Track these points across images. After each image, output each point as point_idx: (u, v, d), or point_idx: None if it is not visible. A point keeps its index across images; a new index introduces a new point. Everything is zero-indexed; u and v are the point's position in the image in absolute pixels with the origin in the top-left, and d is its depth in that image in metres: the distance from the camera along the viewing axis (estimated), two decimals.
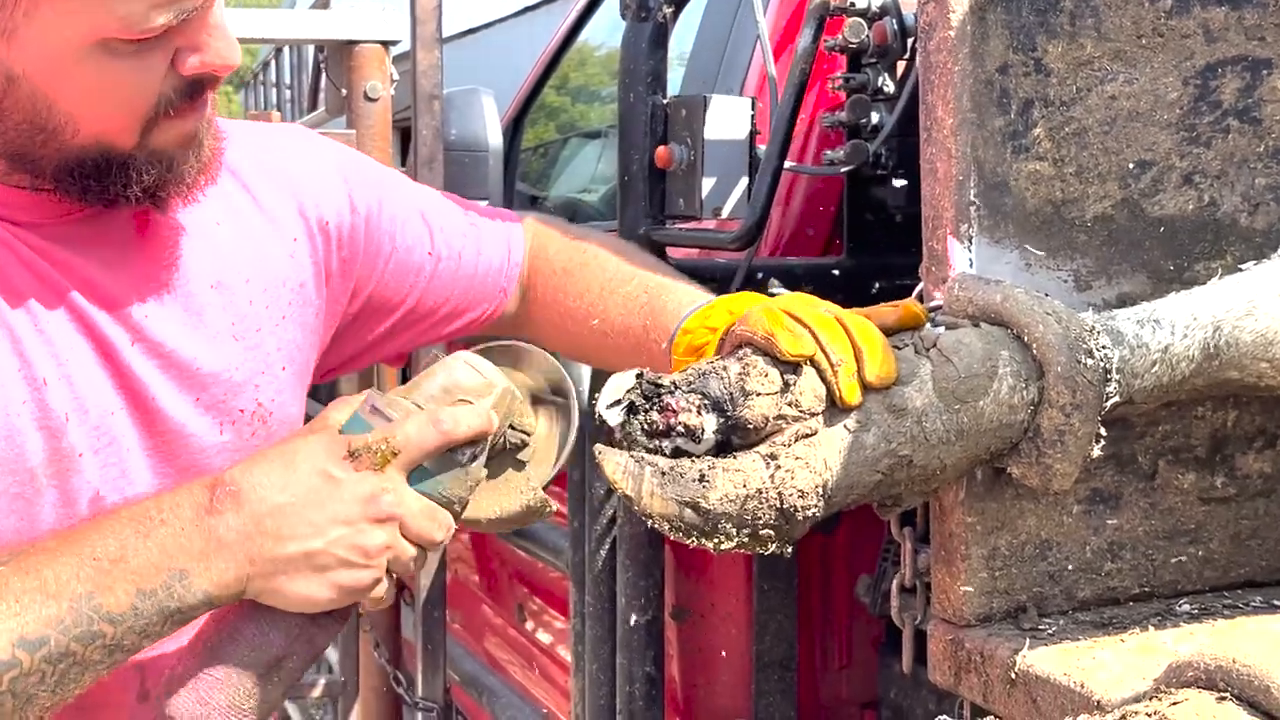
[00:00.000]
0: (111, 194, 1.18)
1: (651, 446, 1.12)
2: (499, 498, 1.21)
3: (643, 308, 1.42)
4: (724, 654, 2.15)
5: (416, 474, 1.16)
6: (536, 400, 1.29)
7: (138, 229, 1.25)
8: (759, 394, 1.11)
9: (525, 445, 1.22)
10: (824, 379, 1.12)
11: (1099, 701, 1.07)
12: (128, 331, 1.22)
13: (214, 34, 1.13)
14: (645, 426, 1.11)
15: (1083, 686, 1.10)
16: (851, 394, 1.12)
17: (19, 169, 1.16)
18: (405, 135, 3.28)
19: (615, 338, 1.44)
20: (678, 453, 1.11)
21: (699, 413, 1.11)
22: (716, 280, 1.93)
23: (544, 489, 1.25)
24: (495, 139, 3.00)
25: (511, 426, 1.22)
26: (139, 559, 1.08)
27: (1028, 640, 1.19)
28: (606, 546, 2.08)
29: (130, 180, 1.17)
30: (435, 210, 1.50)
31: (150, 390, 1.23)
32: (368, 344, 1.48)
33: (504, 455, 1.22)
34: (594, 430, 1.18)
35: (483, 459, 1.19)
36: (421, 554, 1.17)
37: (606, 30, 3.25)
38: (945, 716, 0.97)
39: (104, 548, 1.08)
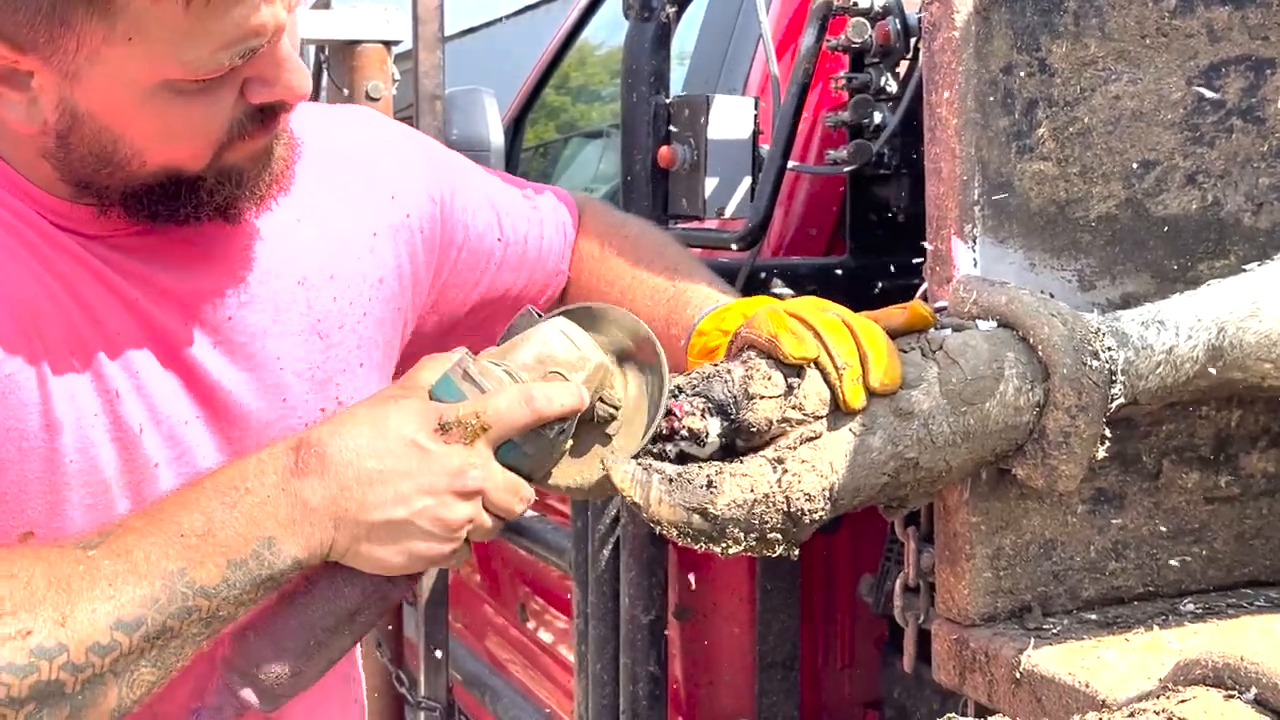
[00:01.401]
0: (182, 215, 1.17)
1: (656, 450, 1.12)
2: (581, 468, 1.19)
3: (667, 300, 1.42)
4: (727, 653, 2.15)
5: (504, 447, 1.15)
6: (622, 359, 1.25)
7: (214, 234, 1.24)
8: (762, 397, 1.11)
9: (613, 419, 1.20)
10: (828, 382, 1.12)
11: (1104, 701, 1.07)
12: (207, 335, 1.21)
13: (283, 65, 1.11)
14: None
15: (1087, 686, 1.11)
16: (855, 397, 1.12)
17: (84, 195, 1.15)
18: None
19: None
20: (682, 456, 1.12)
21: (703, 416, 1.11)
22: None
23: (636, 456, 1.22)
24: (497, 138, 3.00)
25: (601, 399, 1.20)
26: (226, 531, 1.08)
27: (1032, 640, 1.19)
28: (610, 546, 2.08)
29: (201, 200, 1.16)
30: (500, 194, 1.50)
31: (231, 396, 1.23)
32: (441, 331, 1.47)
33: (591, 426, 1.19)
34: None
35: (569, 434, 1.18)
36: (499, 523, 1.16)
37: (608, 29, 3.26)
38: (951, 715, 0.97)
39: (190, 522, 1.07)
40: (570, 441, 1.18)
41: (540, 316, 1.21)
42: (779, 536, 1.11)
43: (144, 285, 1.19)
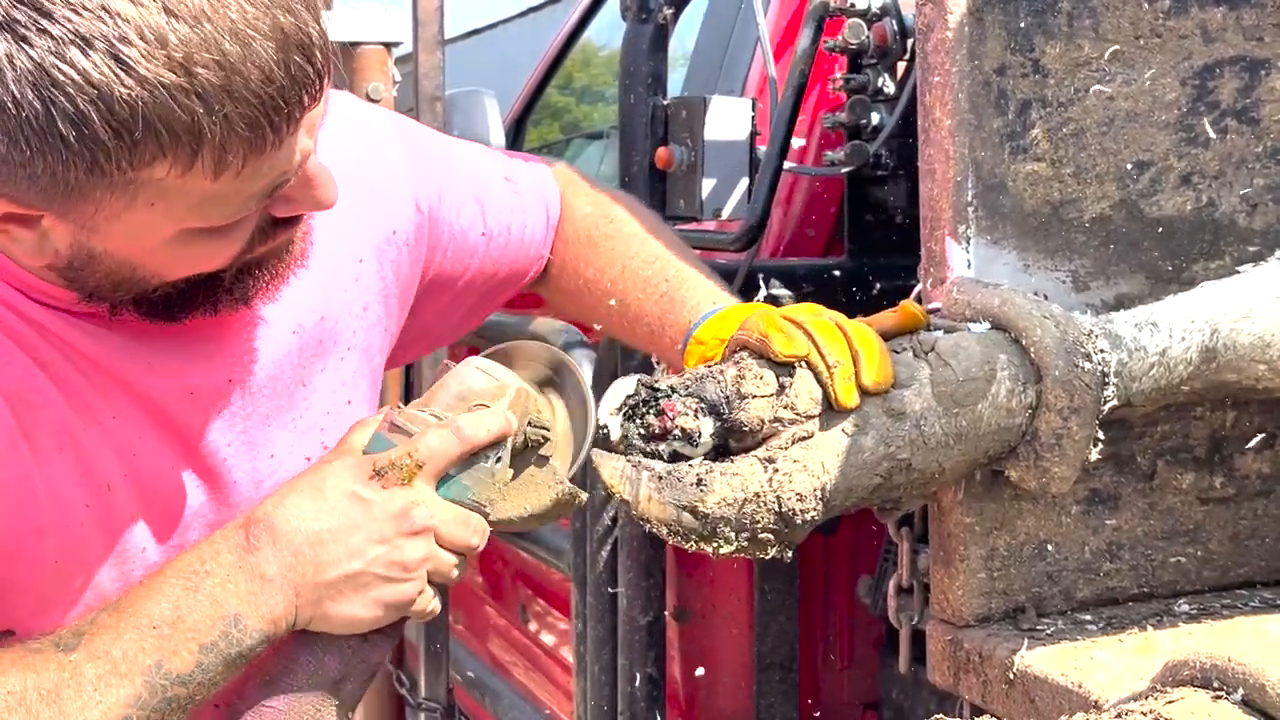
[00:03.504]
0: (202, 309, 1.15)
1: (649, 450, 1.12)
2: (527, 495, 1.22)
3: (661, 297, 1.40)
4: (725, 654, 2.15)
5: (444, 484, 1.17)
6: (545, 386, 1.29)
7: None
8: (755, 396, 1.11)
9: (546, 441, 1.23)
10: (820, 381, 1.12)
11: (1096, 701, 1.07)
12: (209, 415, 1.20)
13: (310, 184, 1.08)
14: (642, 430, 1.12)
15: (1080, 687, 1.11)
16: (847, 396, 1.12)
17: (94, 303, 1.12)
18: None
19: (631, 321, 1.43)
20: (675, 456, 1.12)
21: (695, 416, 1.11)
22: None
23: (571, 479, 1.25)
24: (498, 140, 3.00)
25: (530, 424, 1.22)
26: (194, 615, 1.10)
27: (1026, 640, 1.19)
28: (608, 548, 2.08)
29: (218, 296, 1.14)
30: (485, 185, 1.46)
31: (225, 464, 1.22)
32: (426, 327, 1.47)
33: (526, 453, 1.22)
34: (599, 437, 1.18)
35: (506, 459, 1.20)
36: (461, 560, 1.18)
37: (609, 31, 3.26)
38: (941, 715, 0.97)
39: (159, 612, 1.10)
40: (509, 471, 1.21)
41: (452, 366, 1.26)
42: (771, 537, 1.11)
43: (134, 359, 1.15)
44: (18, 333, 1.11)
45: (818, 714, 2.20)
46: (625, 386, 1.14)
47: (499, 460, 1.19)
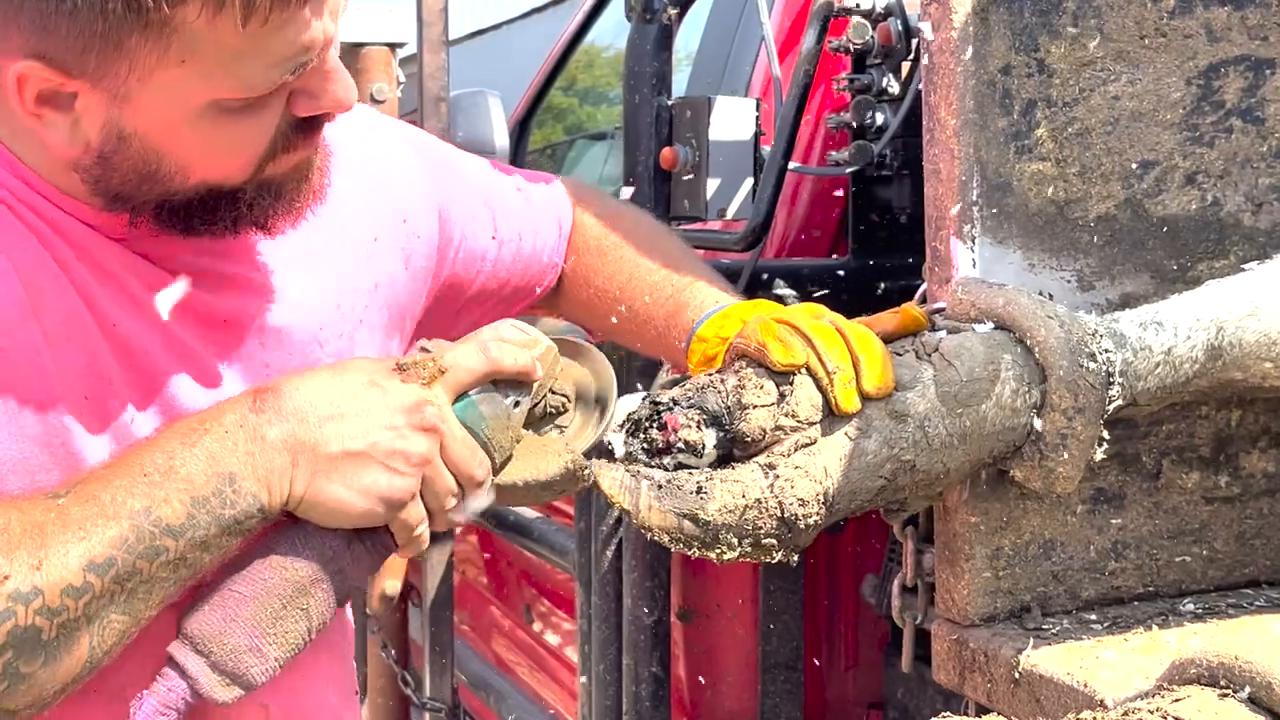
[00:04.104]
0: (219, 226, 1.17)
1: (654, 464, 1.12)
2: (536, 460, 1.20)
3: (667, 300, 1.42)
4: (730, 654, 2.15)
5: (461, 404, 1.16)
6: (577, 385, 1.29)
7: (233, 247, 1.23)
8: (755, 406, 1.11)
9: (565, 411, 1.22)
10: (820, 387, 1.12)
11: (1102, 700, 1.07)
12: (217, 347, 1.21)
13: (330, 78, 1.12)
14: (646, 445, 1.12)
15: (1086, 686, 1.11)
16: (847, 401, 1.12)
17: (116, 208, 1.15)
18: None
19: (639, 326, 1.44)
20: (680, 468, 1.12)
21: (698, 428, 1.11)
22: None
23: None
24: (502, 140, 3.00)
25: (552, 390, 1.22)
26: (188, 467, 1.07)
27: (1031, 640, 1.19)
28: (613, 547, 2.08)
29: (239, 214, 1.16)
30: (495, 192, 1.49)
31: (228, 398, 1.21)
32: (436, 331, 1.48)
33: (543, 420, 1.22)
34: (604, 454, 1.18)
35: (525, 407, 1.19)
36: (459, 495, 1.16)
37: (613, 32, 3.26)
38: (946, 714, 0.97)
39: (153, 462, 1.07)
40: (524, 420, 1.19)
41: None
42: (774, 542, 1.11)
43: (154, 284, 1.18)
44: (38, 229, 1.13)
45: (822, 713, 2.21)
46: (629, 404, 1.14)
47: (517, 405, 1.18)
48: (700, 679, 2.19)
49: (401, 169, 1.40)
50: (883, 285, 1.96)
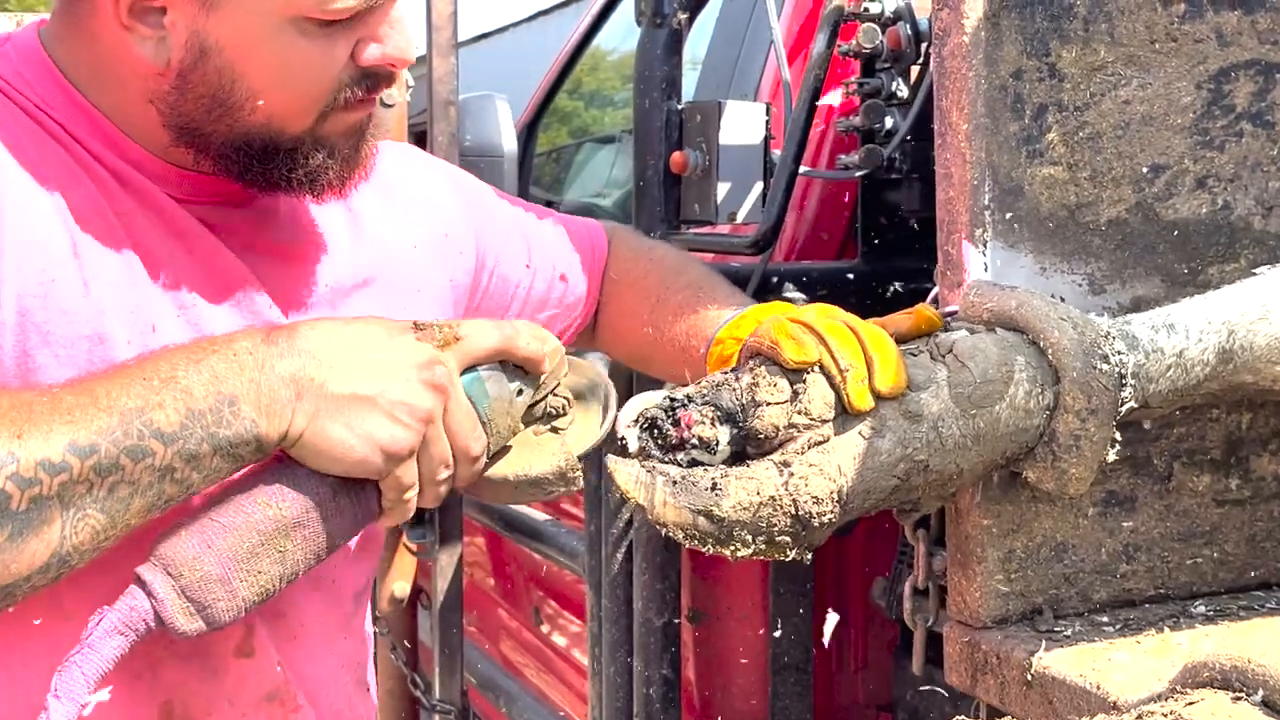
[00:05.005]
0: (274, 178, 1.21)
1: (668, 460, 1.13)
2: (531, 456, 1.22)
3: (687, 314, 1.46)
4: (740, 656, 2.16)
5: (469, 379, 1.18)
6: (578, 396, 1.31)
7: (279, 226, 1.28)
8: (769, 403, 1.12)
9: (564, 414, 1.24)
10: (833, 385, 1.13)
11: (1115, 703, 1.08)
12: (252, 304, 1.25)
13: (395, 27, 1.18)
14: (660, 441, 1.12)
15: (1098, 688, 1.11)
16: (861, 399, 1.13)
17: (183, 142, 1.19)
18: (421, 141, 3.29)
19: (664, 345, 1.48)
20: (694, 465, 1.13)
21: (713, 424, 1.12)
22: None
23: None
24: (510, 144, 3.01)
25: (553, 393, 1.24)
26: (189, 380, 1.07)
27: (1044, 642, 1.20)
28: (623, 550, 2.09)
29: (295, 164, 1.20)
30: (530, 223, 1.54)
31: None
32: None
33: (541, 422, 1.23)
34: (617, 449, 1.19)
35: (527, 399, 1.20)
36: (451, 469, 1.16)
37: (620, 35, 3.26)
38: (962, 717, 0.98)
39: (155, 370, 1.08)
40: (524, 412, 1.21)
41: None
42: (788, 539, 1.11)
43: (211, 235, 1.22)
44: (100, 178, 1.17)
45: (832, 715, 2.21)
46: (643, 401, 1.15)
47: (520, 393, 1.20)
48: (710, 681, 2.20)
49: (441, 195, 1.45)
50: (892, 288, 1.96)
